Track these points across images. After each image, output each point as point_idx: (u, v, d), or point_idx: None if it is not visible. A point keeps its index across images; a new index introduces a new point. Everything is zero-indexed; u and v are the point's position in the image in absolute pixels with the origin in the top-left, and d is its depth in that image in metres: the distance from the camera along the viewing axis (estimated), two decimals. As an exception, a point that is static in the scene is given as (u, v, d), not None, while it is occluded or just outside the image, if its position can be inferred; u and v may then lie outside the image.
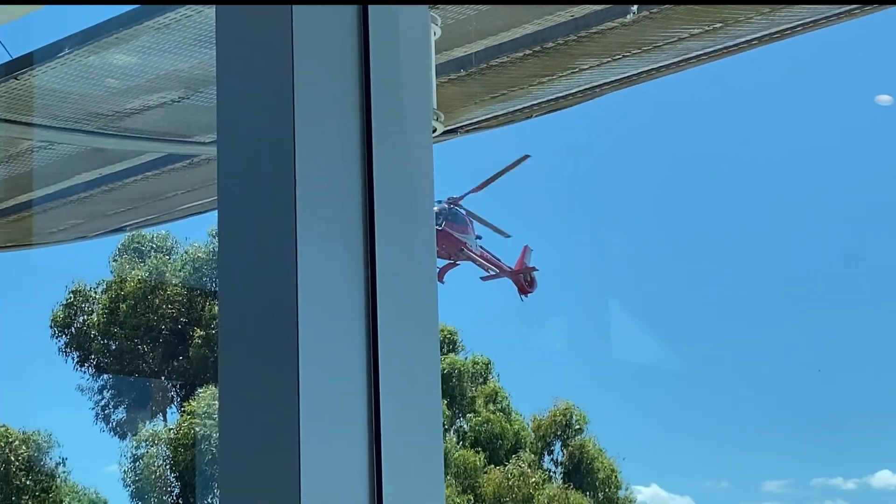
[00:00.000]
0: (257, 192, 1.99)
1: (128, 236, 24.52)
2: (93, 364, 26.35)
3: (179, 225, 28.15)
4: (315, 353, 1.87)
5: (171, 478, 24.86)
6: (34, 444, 24.65)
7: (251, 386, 1.89)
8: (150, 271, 26.11)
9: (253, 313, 1.95)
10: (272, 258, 1.94)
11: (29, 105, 4.04)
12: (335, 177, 2.03)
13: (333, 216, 2.01)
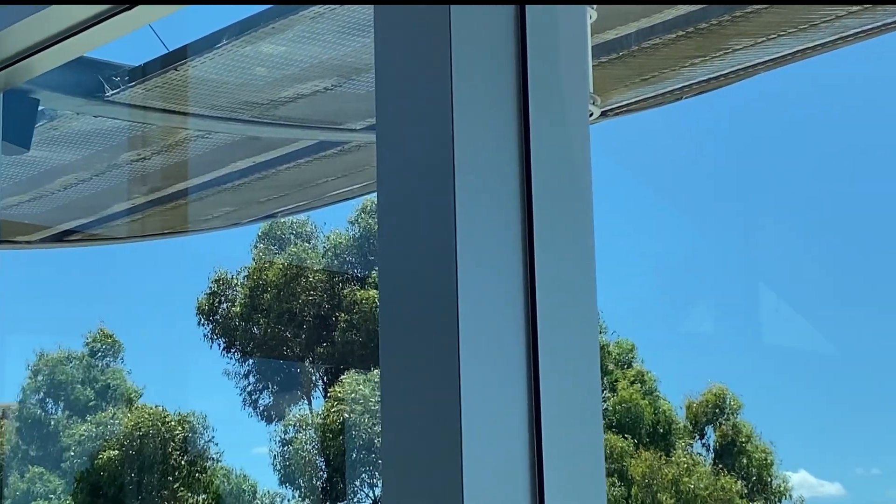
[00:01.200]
0: (416, 182, 2.01)
1: (267, 224, 24.91)
2: (238, 350, 26.85)
3: (317, 212, 28.45)
4: (475, 340, 1.89)
5: (319, 462, 25.23)
6: (188, 425, 25.26)
7: (412, 373, 1.92)
8: (291, 258, 26.49)
9: (412, 299, 1.97)
10: (431, 247, 1.96)
11: (187, 95, 4.14)
12: (493, 162, 2.04)
13: (491, 202, 2.02)
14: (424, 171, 1.99)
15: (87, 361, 28.17)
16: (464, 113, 1.99)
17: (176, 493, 24.87)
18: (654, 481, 25.39)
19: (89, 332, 28.47)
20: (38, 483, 25.88)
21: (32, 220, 5.46)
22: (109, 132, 4.56)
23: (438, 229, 1.94)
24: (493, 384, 1.87)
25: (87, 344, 28.54)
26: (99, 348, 28.44)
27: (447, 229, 1.92)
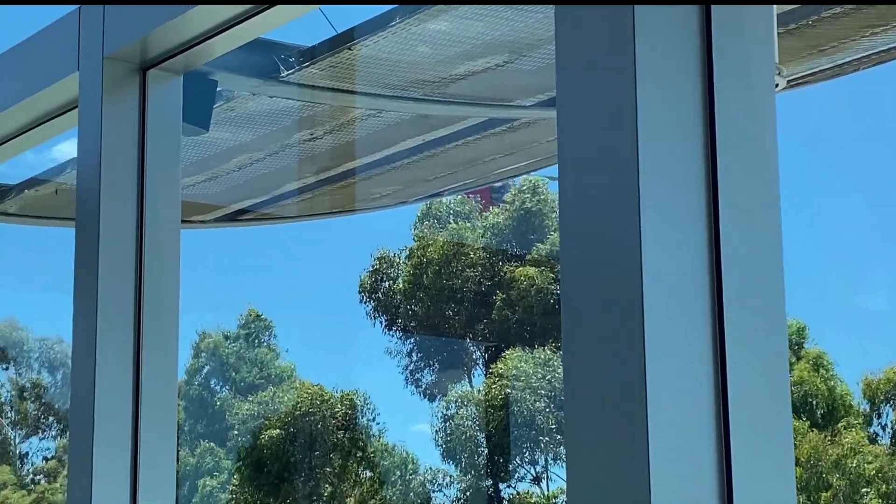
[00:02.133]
0: (598, 159, 2.00)
1: (428, 203, 25.07)
2: (399, 328, 27.11)
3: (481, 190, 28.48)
4: (661, 325, 1.86)
5: (480, 438, 25.36)
6: (350, 402, 25.61)
7: (596, 359, 1.90)
8: (451, 235, 26.63)
9: (595, 277, 1.96)
10: (614, 226, 1.94)
11: (359, 75, 4.18)
12: (677, 136, 2.02)
13: (676, 176, 1.99)
14: (607, 147, 1.97)
15: (244, 341, 28.77)
16: (647, 84, 1.96)
17: (338, 471, 25.26)
18: (820, 463, 24.89)
19: (241, 315, 29.06)
20: (208, 458, 26.54)
21: (208, 199, 5.58)
22: (283, 112, 4.63)
23: (622, 207, 1.92)
24: (679, 369, 1.85)
25: (240, 325, 29.13)
26: (252, 328, 29.00)
27: (631, 207, 1.90)
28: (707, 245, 1.98)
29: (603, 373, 1.89)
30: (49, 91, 3.86)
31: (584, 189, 2.01)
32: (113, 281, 3.44)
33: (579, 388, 1.92)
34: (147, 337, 3.45)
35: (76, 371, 3.42)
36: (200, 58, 3.56)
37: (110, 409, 3.37)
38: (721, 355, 1.90)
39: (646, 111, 1.96)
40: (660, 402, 1.79)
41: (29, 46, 3.99)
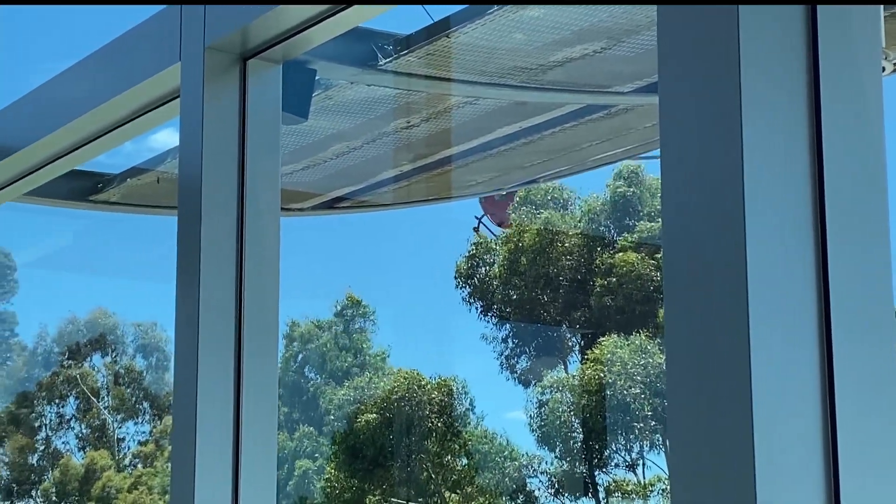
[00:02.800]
0: (701, 145, 1.98)
1: (526, 189, 25.03)
2: (495, 314, 27.14)
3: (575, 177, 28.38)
4: (765, 308, 1.84)
5: (576, 424, 25.31)
6: (446, 388, 25.70)
7: (699, 340, 1.88)
8: (547, 222, 26.58)
9: (698, 265, 1.94)
10: (717, 212, 1.92)
11: (457, 62, 4.18)
12: (782, 122, 1.99)
13: (780, 163, 1.96)
14: (710, 135, 1.95)
15: (341, 327, 28.97)
16: (751, 70, 1.94)
17: (434, 456, 25.35)
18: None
19: (337, 301, 29.27)
20: (306, 442, 26.81)
21: (306, 187, 5.63)
22: (380, 100, 4.65)
23: (725, 195, 1.90)
24: (784, 360, 1.83)
25: (337, 312, 29.34)
26: (349, 314, 29.20)
27: (735, 195, 1.88)
28: (813, 233, 1.95)
29: (706, 362, 1.87)
30: (151, 81, 3.91)
31: (686, 177, 1.99)
32: (214, 269, 3.48)
33: (682, 377, 1.90)
34: (248, 324, 3.49)
35: (179, 359, 3.47)
36: (299, 47, 3.59)
37: (212, 395, 3.41)
38: (827, 345, 1.88)
39: (750, 97, 1.94)
40: (765, 394, 1.77)
41: (131, 37, 4.05)
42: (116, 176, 5.55)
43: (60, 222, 25.93)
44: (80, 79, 4.34)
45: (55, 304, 34.74)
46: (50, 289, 34.15)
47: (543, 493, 25.81)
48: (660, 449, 25.09)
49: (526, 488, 25.87)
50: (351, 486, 25.63)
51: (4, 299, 32.40)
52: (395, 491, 25.59)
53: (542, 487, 25.82)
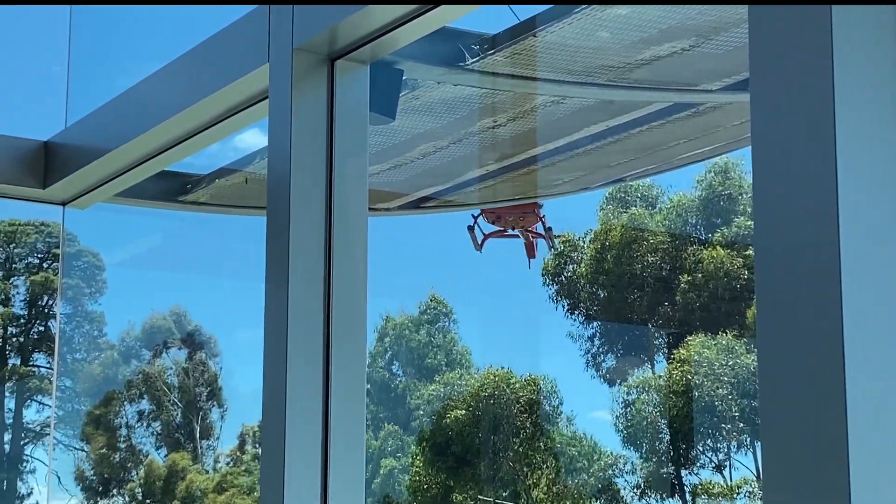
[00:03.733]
0: (793, 141, 1.95)
1: (614, 187, 24.91)
2: (582, 312, 27.06)
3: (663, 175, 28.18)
4: (859, 307, 1.81)
5: (662, 424, 25.16)
6: (533, 387, 25.67)
7: (791, 339, 1.86)
8: (634, 220, 26.44)
9: (791, 262, 1.92)
10: (811, 211, 1.89)
11: (544, 61, 4.18)
12: (875, 117, 1.96)
13: (874, 163, 1.93)
14: (803, 130, 1.93)
15: (427, 325, 29.03)
16: (844, 69, 1.91)
17: (521, 454, 25.33)
18: None
19: (422, 301, 29.35)
20: (391, 441, 26.91)
21: (392, 187, 5.66)
22: (467, 100, 4.66)
23: (819, 194, 1.87)
24: (879, 362, 1.80)
25: (421, 310, 29.42)
26: (433, 312, 29.26)
27: (828, 194, 1.86)
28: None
29: (799, 364, 1.85)
30: (240, 83, 3.96)
31: (779, 175, 1.97)
32: (303, 268, 3.51)
33: (775, 379, 1.88)
34: (336, 322, 3.51)
35: (268, 355, 3.50)
36: (387, 48, 3.61)
37: (301, 393, 3.44)
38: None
39: (843, 95, 1.91)
40: (860, 396, 1.74)
41: (220, 40, 4.10)
42: (205, 177, 5.61)
43: (150, 223, 26.27)
44: (170, 81, 4.39)
45: (143, 304, 35.21)
46: (139, 288, 34.62)
47: (629, 493, 25.69)
48: (747, 450, 24.86)
49: (612, 488, 25.76)
50: (438, 483, 25.69)
51: (93, 299, 32.89)
52: (481, 488, 25.61)
53: (627, 487, 25.70)
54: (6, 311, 33.38)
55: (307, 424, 3.43)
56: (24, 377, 32.91)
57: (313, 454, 3.42)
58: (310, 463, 3.42)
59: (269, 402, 3.48)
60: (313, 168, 3.58)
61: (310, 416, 3.44)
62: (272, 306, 3.52)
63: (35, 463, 32.67)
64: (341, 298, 3.54)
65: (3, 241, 33.94)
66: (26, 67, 38.72)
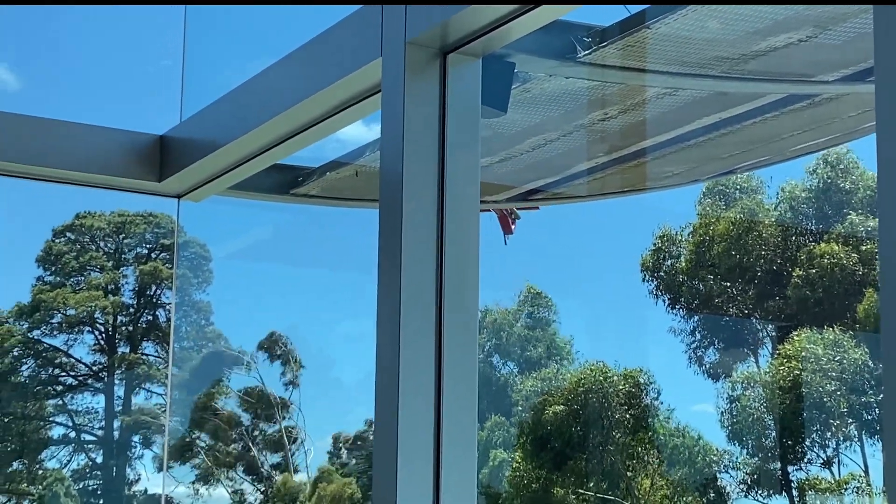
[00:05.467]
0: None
1: (713, 180, 24.62)
2: (683, 306, 26.82)
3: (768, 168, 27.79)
4: None
5: (768, 420, 24.86)
6: (632, 381, 25.52)
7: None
8: (740, 212, 26.14)
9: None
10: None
11: (656, 53, 4.15)
12: None
13: None
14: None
15: (527, 319, 29.00)
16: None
17: (621, 448, 25.21)
18: None
19: (520, 292, 29.32)
20: (498, 432, 26.95)
21: (500, 180, 5.66)
22: (578, 93, 4.64)
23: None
24: None
25: (520, 302, 29.40)
26: (532, 305, 29.22)
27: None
28: None
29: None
30: (352, 77, 3.99)
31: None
32: (415, 260, 3.53)
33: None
34: (448, 313, 3.53)
35: (381, 347, 3.53)
36: (499, 41, 3.61)
37: (414, 385, 3.46)
38: None
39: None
40: None
41: (333, 34, 4.13)
42: (316, 169, 5.66)
43: (261, 215, 26.58)
44: (284, 76, 4.44)
45: (253, 295, 35.65)
46: (250, 279, 35.07)
47: (734, 488, 25.44)
48: (855, 446, 24.48)
49: (716, 483, 25.53)
50: (538, 477, 25.66)
51: (200, 289, 33.38)
52: (582, 482, 25.54)
53: (732, 483, 25.45)
54: (116, 301, 34.00)
55: (420, 415, 3.45)
56: (133, 365, 33.50)
57: (426, 446, 3.44)
58: (422, 454, 3.44)
59: (382, 394, 3.50)
60: (425, 161, 3.59)
61: (422, 407, 3.46)
62: (385, 298, 3.54)
63: (143, 449, 33.27)
64: (453, 291, 3.55)
65: (113, 231, 34.60)
66: (138, 62, 39.38)
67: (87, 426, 33.42)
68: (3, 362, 32.62)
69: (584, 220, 30.89)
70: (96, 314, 33.51)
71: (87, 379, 33.65)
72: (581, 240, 31.93)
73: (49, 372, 33.43)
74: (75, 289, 33.54)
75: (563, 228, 30.88)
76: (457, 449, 3.47)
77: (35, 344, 33.16)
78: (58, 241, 34.14)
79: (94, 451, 33.48)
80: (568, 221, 30.75)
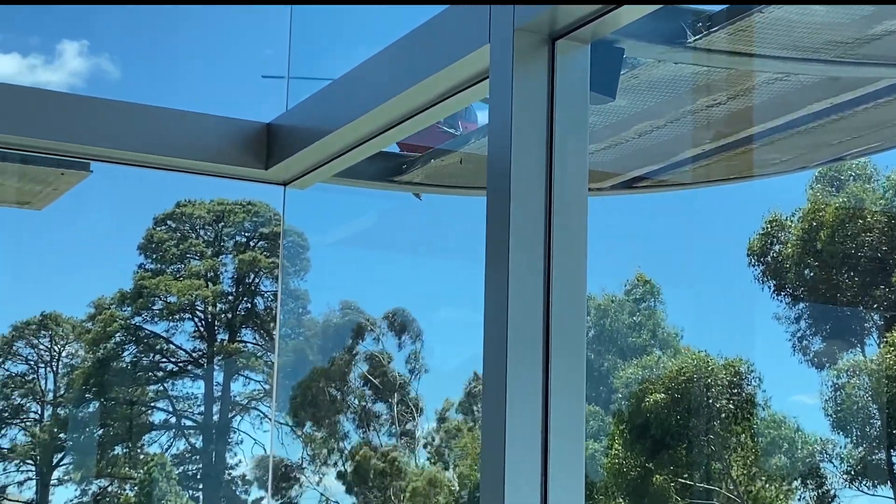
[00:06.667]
0: None
1: (826, 166, 24.22)
2: (788, 293, 26.47)
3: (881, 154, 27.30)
4: None
5: (874, 409, 24.46)
6: (734, 369, 25.27)
7: None
8: (848, 199, 25.71)
9: None
10: None
11: (768, 38, 4.09)
12: None
13: None
14: None
15: (630, 306, 28.83)
16: None
17: (722, 438, 24.98)
18: None
19: (627, 280, 29.15)
20: (591, 422, 26.86)
21: (605, 167, 5.62)
22: (686, 78, 4.59)
23: None
24: None
25: (626, 290, 29.23)
26: (639, 293, 29.04)
27: None
28: None
29: None
30: (459, 64, 3.98)
31: None
32: (523, 248, 3.52)
33: None
34: (556, 303, 3.51)
35: (488, 334, 3.52)
36: (608, 27, 3.58)
37: (521, 374, 3.45)
38: None
39: None
40: None
41: (440, 21, 4.13)
42: (420, 157, 5.67)
43: (364, 202, 26.72)
44: (390, 63, 4.45)
45: (356, 282, 35.89)
46: (349, 267, 35.31)
47: (837, 478, 25.09)
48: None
49: (818, 473, 25.19)
50: (637, 466, 25.53)
51: (298, 277, 33.68)
52: (681, 472, 25.35)
53: (836, 473, 25.09)
54: (215, 289, 34.45)
55: (527, 405, 3.44)
56: (231, 353, 33.93)
57: (533, 436, 3.43)
58: (530, 444, 3.42)
59: (490, 382, 3.49)
60: (534, 149, 3.58)
61: (530, 396, 3.45)
62: (492, 285, 3.54)
63: (241, 435, 33.70)
64: (561, 279, 3.53)
65: (213, 220, 35.05)
66: (241, 51, 39.77)
67: (186, 412, 33.94)
68: (106, 347, 33.22)
69: (689, 207, 30.65)
70: (196, 302, 33.98)
71: (186, 365, 34.15)
72: (686, 227, 31.67)
73: (150, 358, 33.99)
74: (176, 276, 34.04)
75: (667, 215, 30.66)
76: (565, 436, 3.45)
77: (137, 330, 33.73)
78: (158, 228, 34.68)
79: (193, 436, 33.99)
80: (673, 208, 30.52)
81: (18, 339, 33.83)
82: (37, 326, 33.85)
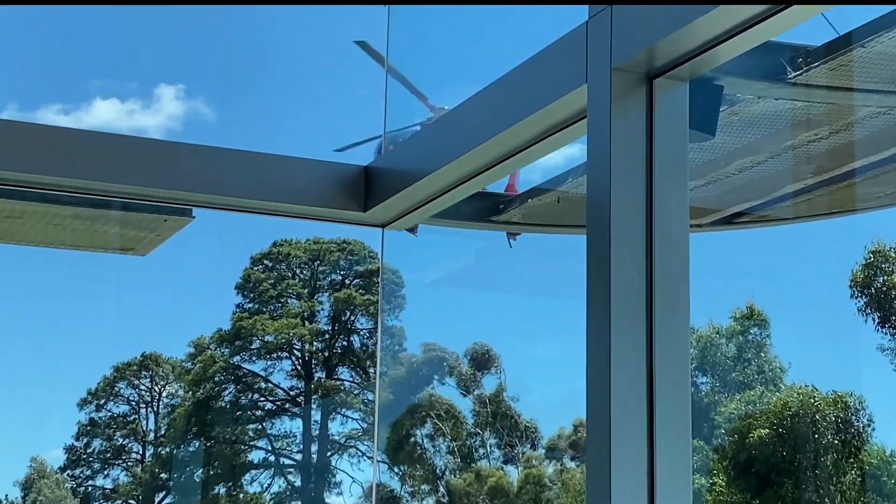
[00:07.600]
0: None
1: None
2: (893, 324, 26.00)
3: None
4: None
5: None
6: (842, 404, 24.83)
7: None
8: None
9: None
10: None
11: (870, 72, 4.05)
12: None
13: None
14: None
15: (739, 340, 28.49)
16: None
17: (829, 475, 24.54)
18: None
19: (737, 308, 28.81)
20: (696, 457, 26.54)
21: (705, 203, 5.59)
22: (786, 114, 4.56)
23: None
24: None
25: (734, 319, 28.89)
26: (747, 325, 28.69)
27: None
28: None
29: None
30: (557, 104, 3.99)
31: None
32: (624, 285, 3.51)
33: None
34: (659, 339, 3.49)
35: (591, 372, 3.51)
36: (706, 64, 3.57)
37: (626, 410, 3.43)
38: None
39: None
40: None
41: (538, 62, 4.15)
42: (517, 197, 5.68)
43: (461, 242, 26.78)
44: (487, 104, 4.47)
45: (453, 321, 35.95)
46: (444, 305, 35.37)
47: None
48: None
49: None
50: (742, 502, 25.17)
51: (393, 314, 33.80)
52: (786, 508, 24.95)
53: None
54: (312, 327, 34.67)
55: (632, 441, 3.42)
56: (329, 391, 34.08)
57: (639, 474, 3.41)
58: (636, 482, 3.41)
59: (594, 418, 3.48)
60: (633, 187, 3.57)
61: (635, 434, 3.43)
62: (594, 322, 3.53)
63: (341, 474, 33.80)
64: (664, 316, 3.51)
65: (309, 259, 35.35)
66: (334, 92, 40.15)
67: (285, 450, 34.14)
68: (206, 387, 33.57)
69: (788, 241, 30.30)
70: (294, 341, 34.24)
71: (284, 404, 34.37)
72: (786, 260, 31.31)
73: (249, 397, 34.26)
74: (273, 315, 34.34)
75: (767, 250, 30.34)
76: (671, 478, 3.43)
77: (235, 370, 34.05)
78: (255, 268, 35.05)
79: (292, 474, 34.16)
80: (772, 242, 30.19)
81: (120, 379, 34.34)
82: (137, 367, 34.35)
